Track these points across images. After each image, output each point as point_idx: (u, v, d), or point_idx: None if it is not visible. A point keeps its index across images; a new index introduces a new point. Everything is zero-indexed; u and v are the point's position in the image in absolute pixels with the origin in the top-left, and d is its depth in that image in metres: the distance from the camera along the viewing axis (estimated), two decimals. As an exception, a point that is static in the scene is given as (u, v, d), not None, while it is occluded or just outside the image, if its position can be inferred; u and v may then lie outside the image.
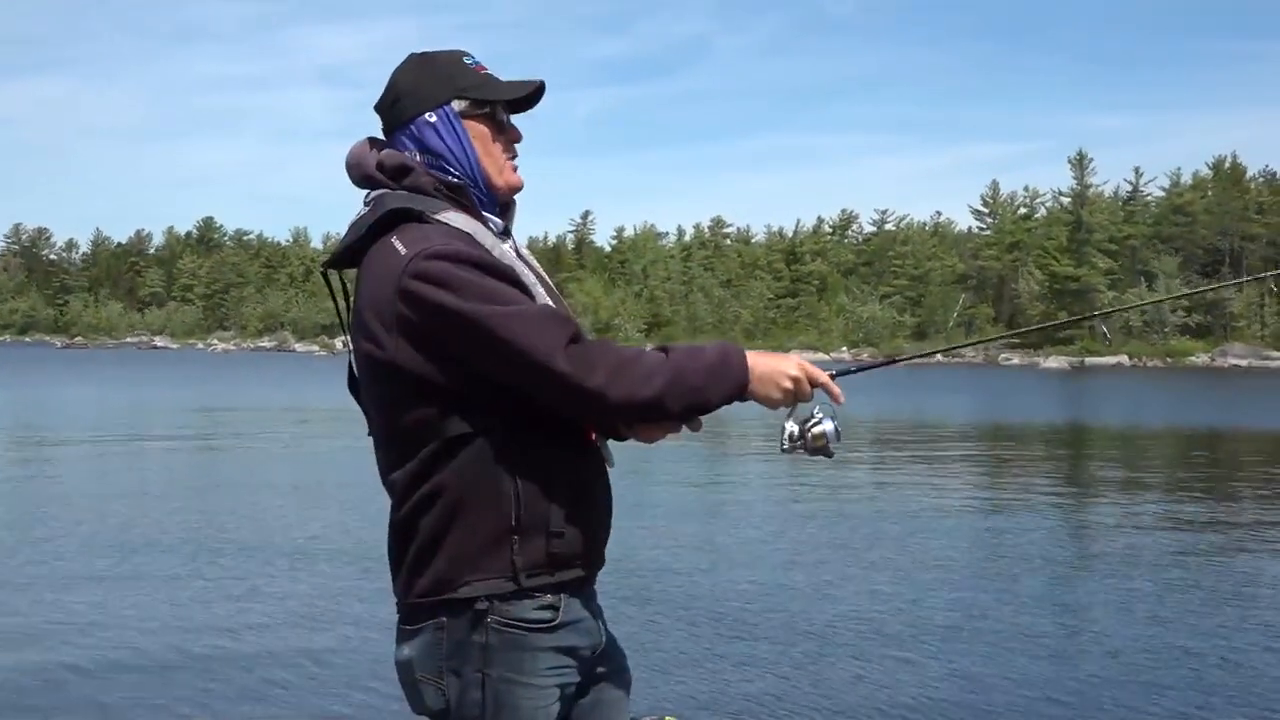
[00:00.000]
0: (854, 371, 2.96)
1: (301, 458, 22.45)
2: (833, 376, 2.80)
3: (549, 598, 2.66)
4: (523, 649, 2.63)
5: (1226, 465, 24.03)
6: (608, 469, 2.84)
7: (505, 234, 2.88)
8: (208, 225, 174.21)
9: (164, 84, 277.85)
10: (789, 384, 2.70)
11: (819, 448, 2.77)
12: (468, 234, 2.67)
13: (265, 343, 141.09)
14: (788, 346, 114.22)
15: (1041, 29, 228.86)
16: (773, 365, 2.70)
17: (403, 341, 2.60)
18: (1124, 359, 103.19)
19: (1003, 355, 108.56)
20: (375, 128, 2.87)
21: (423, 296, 2.57)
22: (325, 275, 2.86)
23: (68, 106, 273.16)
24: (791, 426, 2.77)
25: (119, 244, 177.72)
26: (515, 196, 2.92)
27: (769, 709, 7.34)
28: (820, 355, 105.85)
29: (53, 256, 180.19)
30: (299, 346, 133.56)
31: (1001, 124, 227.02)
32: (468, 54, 2.85)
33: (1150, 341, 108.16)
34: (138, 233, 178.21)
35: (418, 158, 2.78)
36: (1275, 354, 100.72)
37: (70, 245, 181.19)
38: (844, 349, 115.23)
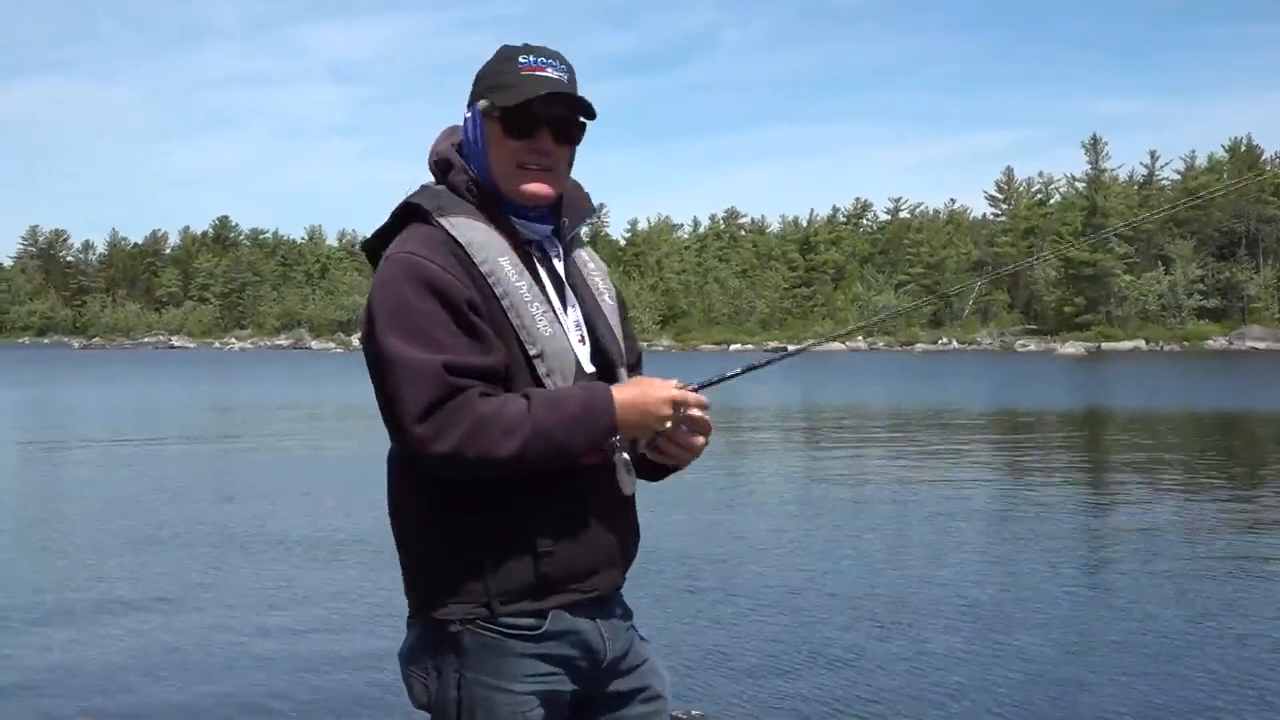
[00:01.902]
0: (715, 382, 2.87)
1: (319, 454, 22.51)
2: (699, 388, 2.75)
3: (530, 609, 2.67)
4: (501, 654, 2.63)
5: (1246, 448, 23.97)
6: (624, 492, 2.76)
7: (556, 240, 2.86)
8: (223, 224, 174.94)
9: (176, 83, 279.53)
10: (658, 428, 2.69)
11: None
12: (459, 243, 2.64)
13: (282, 340, 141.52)
14: (803, 336, 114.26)
15: (1054, 14, 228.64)
16: (645, 412, 2.65)
17: (364, 337, 2.66)
18: (1141, 343, 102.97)
19: (1019, 342, 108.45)
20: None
21: (371, 298, 2.64)
22: (369, 255, 2.85)
23: (81, 107, 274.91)
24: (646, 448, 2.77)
25: (135, 244, 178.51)
26: (583, 204, 2.92)
27: (794, 701, 7.39)
28: (836, 344, 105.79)
29: (70, 258, 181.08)
30: (315, 344, 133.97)
31: (1015, 110, 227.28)
32: (532, 52, 2.76)
33: (1167, 325, 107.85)
34: (154, 233, 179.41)
35: (465, 149, 2.81)
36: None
37: (87, 246, 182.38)
38: (859, 338, 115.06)
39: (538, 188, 2.75)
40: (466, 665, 2.63)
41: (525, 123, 2.72)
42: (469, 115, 2.79)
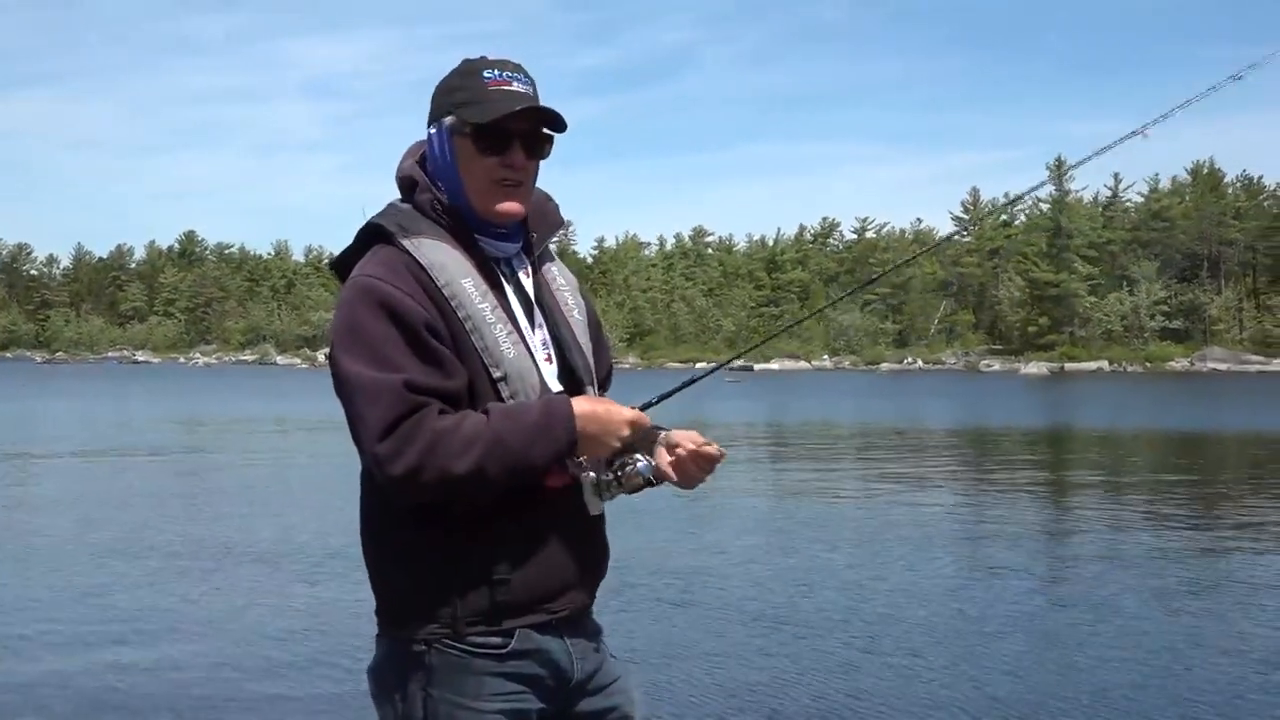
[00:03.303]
0: (655, 403, 2.87)
1: (288, 469, 22.43)
2: (644, 407, 2.77)
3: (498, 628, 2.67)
4: (466, 672, 2.62)
5: (1207, 467, 24.15)
6: (591, 512, 2.75)
7: (525, 256, 2.85)
8: (189, 239, 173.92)
9: (147, 97, 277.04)
10: (619, 445, 2.67)
11: (636, 486, 2.74)
12: (421, 265, 2.63)
13: (247, 356, 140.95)
14: (770, 355, 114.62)
15: (1021, 37, 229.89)
16: (605, 427, 2.64)
17: (329, 359, 2.67)
18: (1104, 364, 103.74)
19: (984, 362, 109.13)
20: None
21: (332, 321, 2.65)
22: (336, 273, 2.84)
23: (50, 120, 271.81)
24: (607, 476, 2.73)
25: (100, 258, 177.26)
26: (553, 219, 2.91)
27: (769, 716, 7.42)
28: (802, 363, 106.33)
29: (33, 271, 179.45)
30: (281, 359, 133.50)
31: (982, 132, 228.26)
32: (499, 66, 2.73)
33: (1130, 346, 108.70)
34: (119, 247, 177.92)
35: (430, 167, 2.78)
36: (1254, 358, 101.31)
37: (51, 260, 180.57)
38: (825, 356, 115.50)
39: (511, 205, 2.74)
40: (433, 683, 2.62)
41: (498, 139, 2.69)
42: (433, 132, 2.76)
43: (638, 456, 2.74)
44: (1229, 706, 7.50)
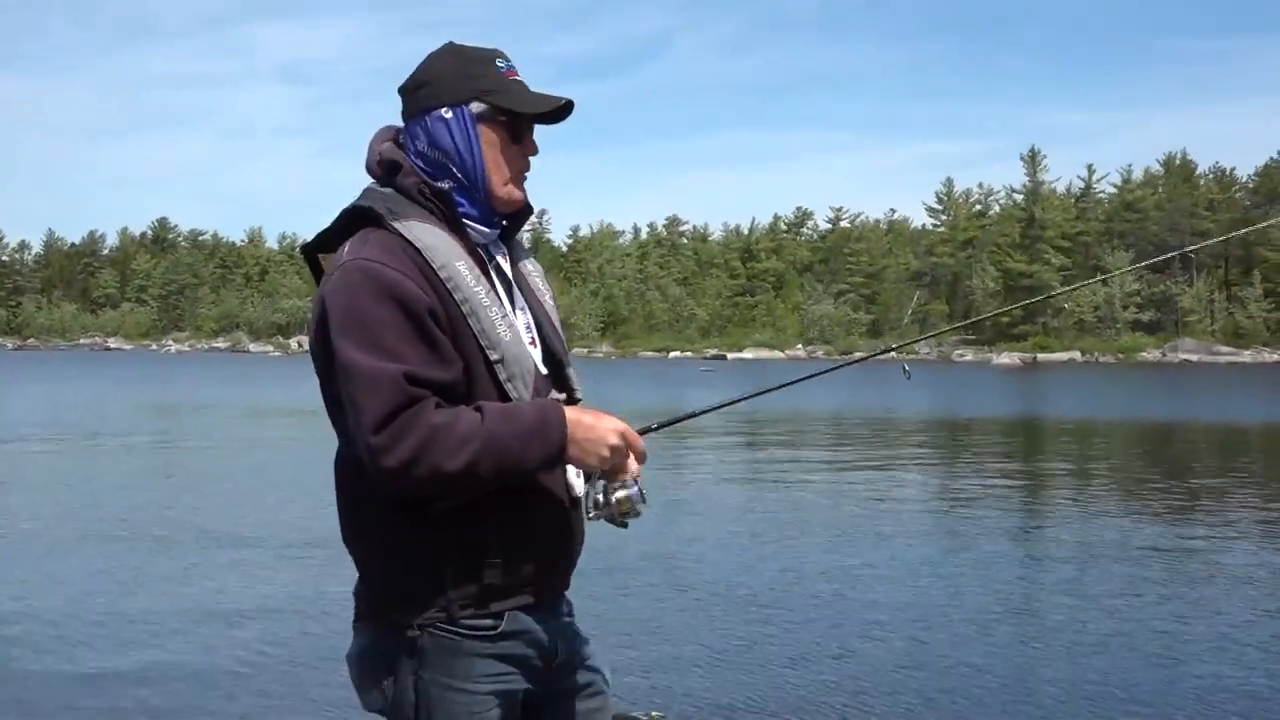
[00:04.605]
0: (656, 428, 2.89)
1: (266, 455, 22.39)
2: (645, 431, 2.77)
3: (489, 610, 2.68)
4: (457, 654, 2.63)
5: (1180, 456, 24.31)
6: (568, 497, 2.77)
7: (502, 242, 2.86)
8: (162, 225, 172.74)
9: (118, 81, 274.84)
10: (607, 453, 2.66)
11: (625, 512, 2.74)
12: (416, 249, 2.60)
13: (220, 343, 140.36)
14: (744, 344, 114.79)
15: (996, 27, 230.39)
16: (593, 433, 2.64)
17: (317, 342, 2.63)
18: (1076, 355, 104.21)
19: (956, 352, 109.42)
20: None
21: (328, 304, 2.58)
22: (307, 257, 2.82)
23: (19, 104, 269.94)
24: (595, 494, 2.73)
25: (72, 245, 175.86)
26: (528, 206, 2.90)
27: (750, 700, 7.45)
28: (775, 353, 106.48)
29: (4, 258, 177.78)
30: (254, 347, 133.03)
31: (956, 122, 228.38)
32: (503, 56, 2.77)
33: (1103, 337, 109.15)
34: (91, 233, 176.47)
35: (425, 150, 2.74)
36: (1225, 349, 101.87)
37: (22, 246, 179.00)
38: (799, 346, 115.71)
39: (521, 194, 2.80)
40: (424, 666, 2.62)
41: (522, 129, 2.75)
42: (449, 116, 2.71)
43: (629, 480, 2.74)
44: (1204, 690, 7.57)
